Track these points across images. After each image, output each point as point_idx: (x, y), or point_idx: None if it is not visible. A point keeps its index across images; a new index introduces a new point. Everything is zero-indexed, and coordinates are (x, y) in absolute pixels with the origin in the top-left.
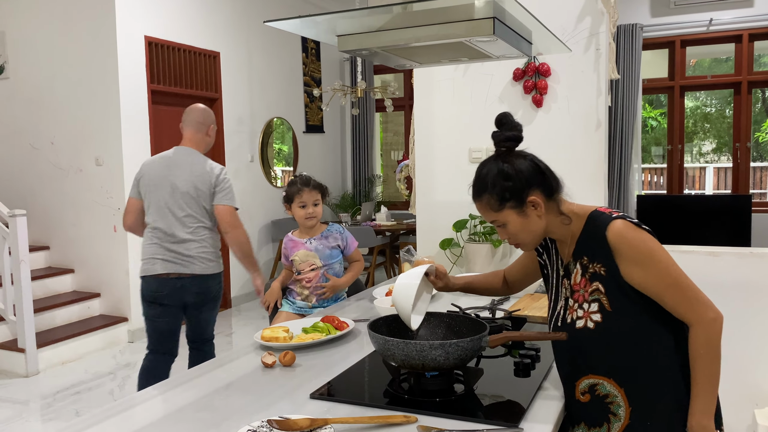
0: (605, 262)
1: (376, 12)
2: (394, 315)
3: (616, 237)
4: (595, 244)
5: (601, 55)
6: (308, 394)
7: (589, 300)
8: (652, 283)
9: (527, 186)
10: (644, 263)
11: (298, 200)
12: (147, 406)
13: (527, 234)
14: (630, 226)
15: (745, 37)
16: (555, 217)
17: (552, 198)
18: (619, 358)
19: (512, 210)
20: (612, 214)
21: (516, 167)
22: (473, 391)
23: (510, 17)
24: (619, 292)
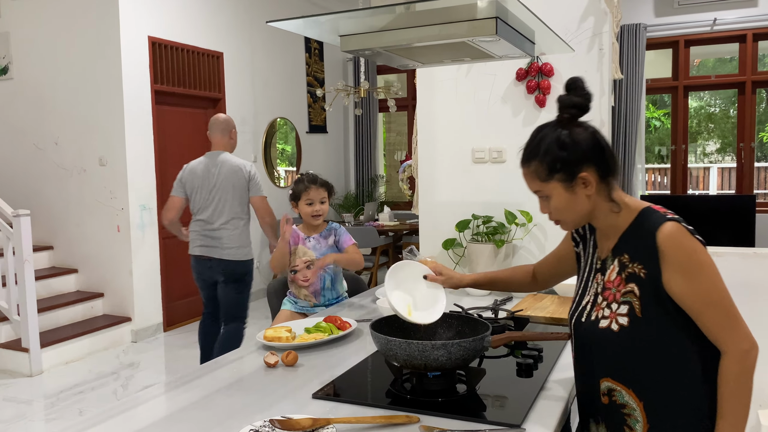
0: (648, 264)
1: (378, 12)
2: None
3: (667, 240)
4: (641, 243)
5: (604, 55)
6: (311, 394)
7: (620, 301)
8: (693, 298)
9: (582, 160)
10: (690, 275)
11: (305, 197)
12: (149, 405)
13: (570, 212)
14: (684, 231)
15: (749, 36)
16: (604, 202)
17: (605, 180)
18: (640, 369)
19: (560, 183)
20: (666, 215)
21: (574, 137)
22: (475, 392)
23: (512, 17)
24: (654, 299)
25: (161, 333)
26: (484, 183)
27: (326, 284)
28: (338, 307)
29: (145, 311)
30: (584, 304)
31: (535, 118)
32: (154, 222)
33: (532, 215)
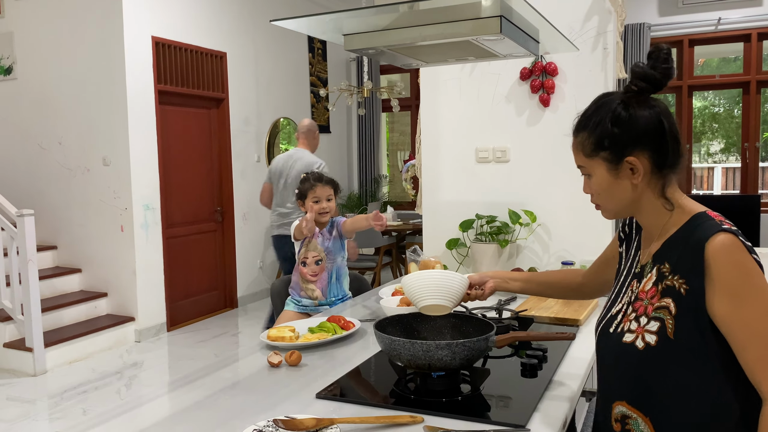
0: (691, 279)
1: (382, 11)
2: (400, 315)
3: (718, 254)
4: (687, 252)
5: (608, 54)
6: (314, 394)
7: (651, 316)
8: (739, 326)
9: (635, 142)
10: (741, 298)
11: (311, 195)
12: (152, 405)
13: (611, 198)
14: (740, 246)
15: (753, 36)
16: (654, 197)
17: (661, 172)
18: (662, 398)
19: (605, 162)
20: (722, 224)
21: (633, 114)
22: (480, 392)
23: (517, 16)
24: (692, 320)
25: (165, 332)
26: (488, 182)
27: (332, 278)
28: (342, 307)
29: (149, 311)
30: (614, 312)
31: (539, 118)
32: (157, 222)
33: (536, 215)
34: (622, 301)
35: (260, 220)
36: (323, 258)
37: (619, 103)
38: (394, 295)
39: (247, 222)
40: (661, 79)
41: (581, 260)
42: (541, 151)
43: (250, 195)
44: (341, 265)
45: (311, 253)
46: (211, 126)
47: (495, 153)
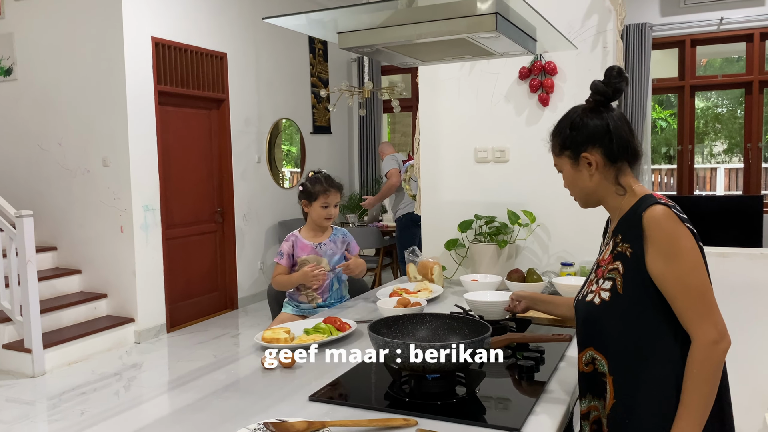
0: (634, 244)
1: (377, 8)
2: (396, 316)
3: (652, 222)
4: (632, 224)
5: (608, 53)
6: (308, 396)
7: (606, 277)
8: (670, 281)
9: (587, 142)
10: (670, 257)
11: (323, 200)
12: (146, 407)
13: (576, 189)
14: (671, 215)
15: (756, 36)
16: (610, 184)
17: (614, 164)
18: (614, 343)
19: (568, 159)
20: (660, 200)
21: (586, 120)
22: (475, 394)
23: (513, 13)
24: (636, 278)
25: (164, 334)
26: (487, 183)
27: (334, 286)
28: (339, 308)
29: (149, 312)
30: (584, 283)
31: (538, 117)
32: (157, 223)
33: (536, 216)
34: (591, 274)
35: (261, 220)
36: (325, 267)
37: (578, 113)
38: (392, 296)
39: (247, 223)
40: (612, 93)
41: (581, 261)
42: (541, 151)
43: (251, 196)
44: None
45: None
46: (212, 127)
47: (494, 153)
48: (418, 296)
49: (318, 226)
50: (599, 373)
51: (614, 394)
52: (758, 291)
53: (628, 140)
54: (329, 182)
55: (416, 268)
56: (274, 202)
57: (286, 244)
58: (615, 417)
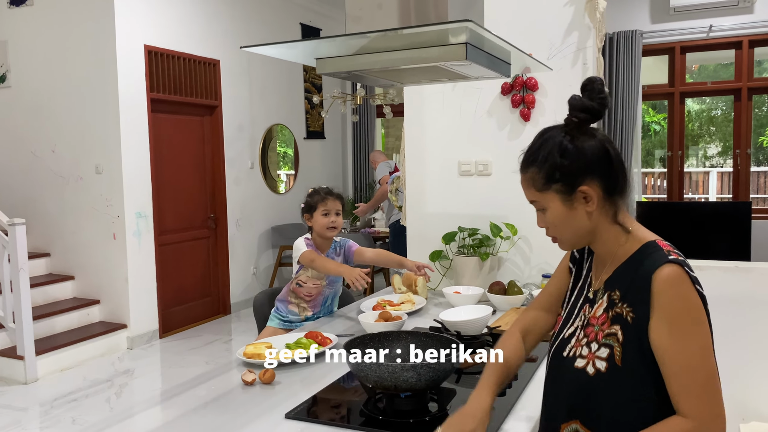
0: (637, 307)
1: (352, 38)
2: (372, 333)
3: (664, 285)
4: (636, 282)
5: (588, 69)
6: (284, 414)
7: (601, 342)
8: (671, 355)
9: (585, 171)
10: (677, 329)
11: (322, 208)
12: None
13: (568, 229)
14: (686, 279)
15: (745, 43)
16: (608, 223)
17: (611, 198)
18: (611, 421)
19: (558, 195)
20: (670, 254)
21: (579, 144)
22: (446, 411)
23: (484, 42)
24: (638, 348)
25: (157, 340)
26: (471, 195)
27: (327, 302)
28: (324, 320)
29: (141, 318)
30: (566, 335)
31: (520, 132)
32: (150, 229)
33: (517, 228)
34: (574, 324)
35: (254, 226)
36: (324, 285)
37: (564, 135)
38: (376, 308)
39: (240, 228)
40: (600, 109)
41: None
42: None
43: (244, 201)
44: (338, 289)
45: (313, 281)
46: (204, 133)
47: (477, 166)
48: (401, 308)
49: (322, 239)
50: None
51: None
52: (733, 304)
53: (626, 170)
54: (326, 191)
55: (401, 279)
56: (268, 207)
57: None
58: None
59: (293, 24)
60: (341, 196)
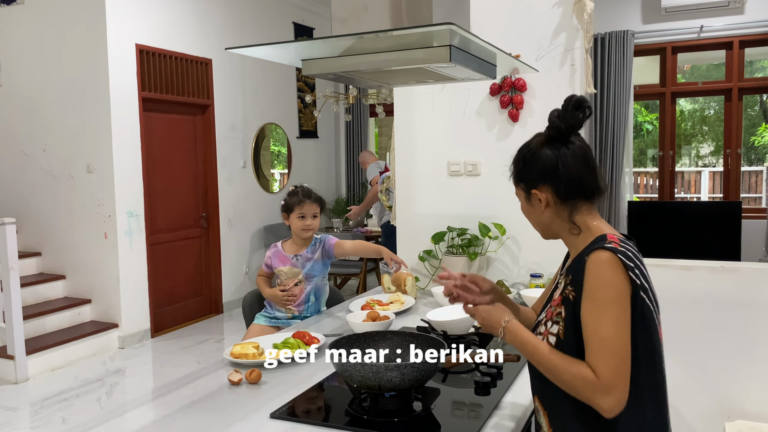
0: (576, 287)
1: (338, 39)
2: (358, 334)
3: (593, 266)
4: (579, 267)
5: (576, 70)
6: (269, 414)
7: (553, 320)
8: (589, 326)
9: (537, 179)
10: (596, 304)
11: (298, 211)
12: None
13: (531, 220)
14: (615, 263)
15: (735, 44)
16: (563, 221)
17: (566, 202)
18: (555, 393)
19: (523, 192)
20: (610, 244)
21: (536, 156)
22: (431, 411)
23: (468, 44)
24: (574, 323)
25: (148, 339)
26: (460, 195)
27: (310, 299)
28: (312, 320)
29: (133, 317)
30: (540, 318)
31: (508, 133)
32: (141, 229)
33: (506, 228)
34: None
35: (246, 225)
36: (302, 280)
37: (533, 146)
38: (364, 308)
39: (232, 228)
40: (566, 129)
41: (549, 273)
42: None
43: (236, 201)
44: (321, 285)
45: (289, 281)
46: (197, 132)
47: (466, 166)
48: (390, 308)
49: (299, 239)
50: (538, 425)
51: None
52: (720, 303)
53: (582, 178)
54: (305, 194)
55: (390, 279)
56: (260, 206)
57: (267, 253)
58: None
59: (286, 23)
60: (320, 198)
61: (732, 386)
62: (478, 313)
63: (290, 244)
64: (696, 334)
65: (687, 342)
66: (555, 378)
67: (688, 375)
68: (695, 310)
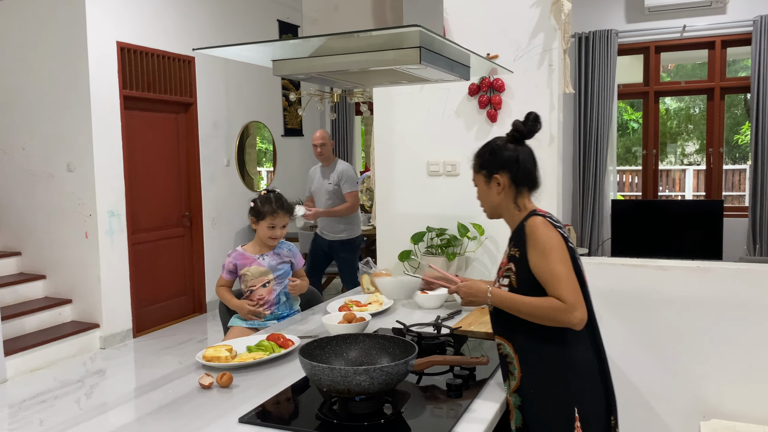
0: (520, 247)
1: (308, 40)
2: (331, 336)
3: (531, 227)
4: (519, 232)
5: (554, 71)
6: (238, 418)
7: (504, 275)
8: (544, 270)
9: (500, 166)
10: (543, 253)
11: (269, 220)
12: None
13: (485, 201)
14: (546, 223)
15: (717, 43)
16: (510, 202)
17: (516, 187)
18: (515, 327)
19: (483, 177)
20: (539, 212)
21: (502, 149)
22: (401, 414)
23: (440, 45)
24: (524, 273)
25: (131, 339)
26: (439, 196)
27: (281, 300)
28: (288, 321)
29: (115, 317)
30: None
31: (487, 133)
32: (123, 228)
33: (484, 228)
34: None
35: (229, 224)
36: (271, 280)
37: (499, 143)
38: (342, 309)
39: (216, 226)
40: (527, 133)
41: None
42: None
43: (220, 199)
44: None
45: (257, 281)
46: (179, 131)
47: (445, 167)
48: (368, 309)
49: (264, 244)
50: (503, 355)
51: (521, 367)
52: (695, 303)
53: (531, 171)
54: (279, 204)
55: (369, 279)
56: (244, 205)
57: (229, 259)
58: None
59: (270, 21)
60: (291, 208)
61: (708, 386)
62: (461, 290)
63: (253, 246)
64: (672, 334)
65: (663, 342)
66: (533, 315)
67: (664, 374)
68: (671, 309)
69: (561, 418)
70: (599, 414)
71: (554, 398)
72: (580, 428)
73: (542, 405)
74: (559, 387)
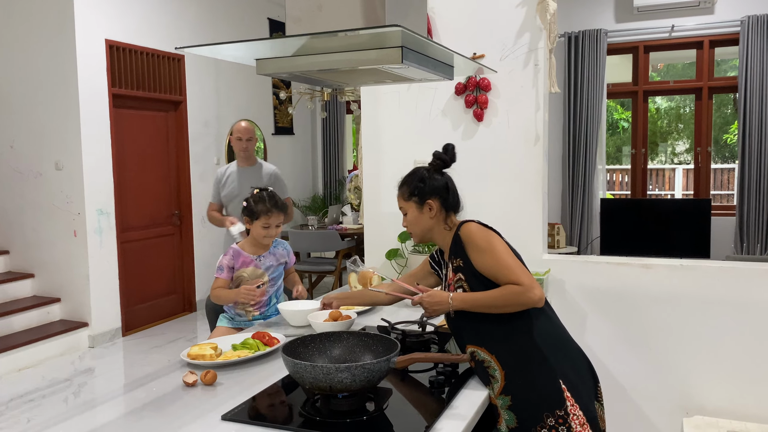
0: (462, 255)
1: (290, 39)
2: (315, 334)
3: (465, 233)
4: (456, 243)
5: (539, 70)
6: (221, 416)
7: (455, 288)
8: (492, 265)
9: (431, 193)
10: (484, 251)
11: (264, 220)
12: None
13: (417, 226)
14: (478, 225)
15: (705, 43)
16: (440, 223)
17: (446, 211)
18: (482, 331)
19: (414, 204)
20: (468, 220)
21: (431, 177)
22: (383, 411)
23: (422, 45)
24: (473, 277)
25: (119, 338)
26: None
27: (271, 302)
28: (274, 320)
29: (103, 316)
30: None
31: (473, 132)
32: (112, 227)
33: None
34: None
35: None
36: (265, 282)
37: (425, 171)
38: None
39: (206, 225)
40: (448, 161)
41: None
42: (476, 165)
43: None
44: (281, 286)
45: (253, 281)
46: (169, 129)
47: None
48: (354, 307)
49: (260, 243)
50: (480, 361)
51: (502, 367)
52: (679, 301)
53: (456, 194)
54: (272, 203)
55: (357, 277)
56: None
57: (226, 258)
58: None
59: (261, 19)
60: (285, 207)
61: (691, 383)
62: (424, 301)
63: (249, 246)
64: (656, 332)
65: (647, 339)
66: (497, 306)
67: (648, 371)
68: (656, 308)
69: (550, 393)
70: (583, 378)
71: (539, 377)
72: (570, 397)
73: (530, 389)
74: (540, 366)
